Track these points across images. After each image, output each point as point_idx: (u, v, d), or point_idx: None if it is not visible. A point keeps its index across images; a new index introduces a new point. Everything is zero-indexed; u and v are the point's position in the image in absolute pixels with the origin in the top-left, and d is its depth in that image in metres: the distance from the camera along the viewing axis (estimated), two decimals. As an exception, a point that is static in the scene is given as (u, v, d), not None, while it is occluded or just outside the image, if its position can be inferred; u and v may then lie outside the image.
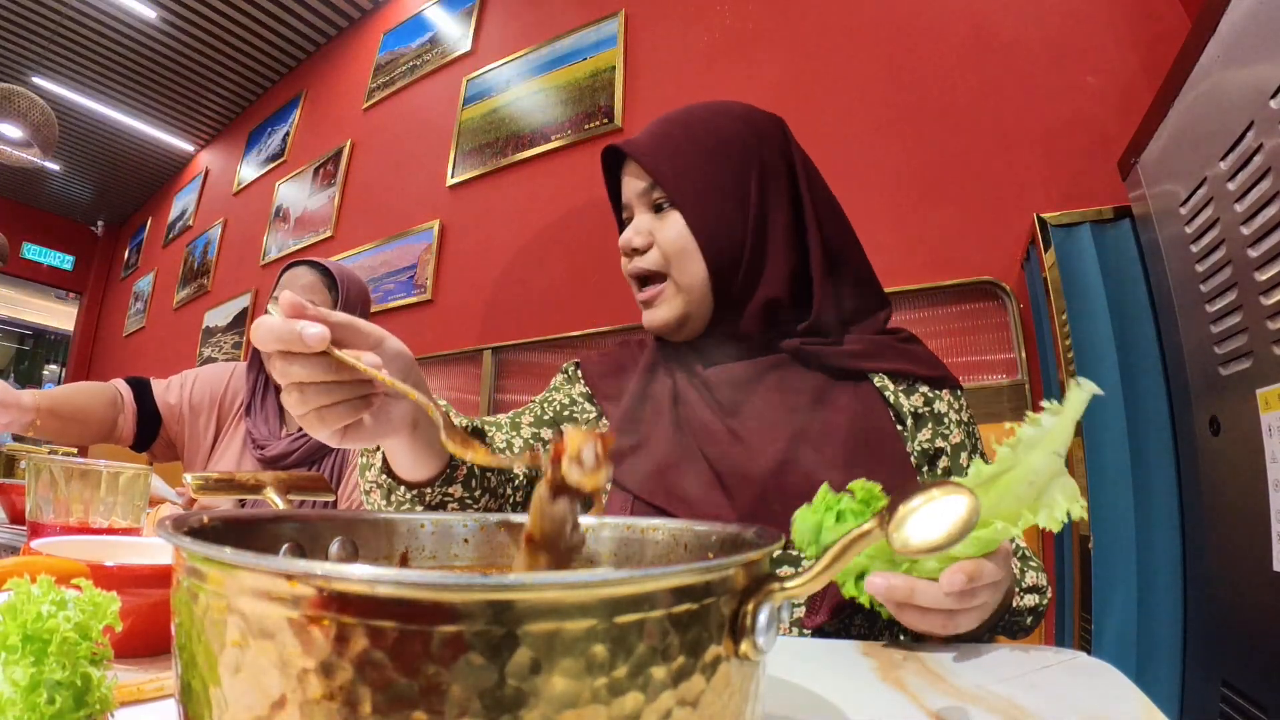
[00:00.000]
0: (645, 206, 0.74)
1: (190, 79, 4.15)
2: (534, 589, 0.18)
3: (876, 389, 0.69)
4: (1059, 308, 1.20)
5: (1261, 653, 0.82)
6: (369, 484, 0.62)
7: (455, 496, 0.62)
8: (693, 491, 0.65)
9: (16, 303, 6.23)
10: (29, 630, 0.25)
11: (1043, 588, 0.62)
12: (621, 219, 0.79)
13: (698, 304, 0.71)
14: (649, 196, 0.73)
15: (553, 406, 0.77)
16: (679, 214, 0.70)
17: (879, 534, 0.24)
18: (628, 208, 0.76)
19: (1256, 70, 0.78)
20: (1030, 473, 0.41)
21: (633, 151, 0.73)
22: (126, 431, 1.30)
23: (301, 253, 3.25)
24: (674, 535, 0.37)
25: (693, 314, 0.72)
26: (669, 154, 0.72)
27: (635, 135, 0.75)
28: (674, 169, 0.71)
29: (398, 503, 0.61)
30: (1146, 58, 1.36)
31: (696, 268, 0.70)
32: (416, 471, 0.58)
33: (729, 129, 0.73)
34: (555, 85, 2.42)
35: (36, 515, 0.73)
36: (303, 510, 0.37)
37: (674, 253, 0.70)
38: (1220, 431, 0.91)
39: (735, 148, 0.72)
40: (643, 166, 0.72)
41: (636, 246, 0.73)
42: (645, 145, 0.73)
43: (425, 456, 0.56)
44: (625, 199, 0.76)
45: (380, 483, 0.60)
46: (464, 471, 0.61)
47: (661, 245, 0.71)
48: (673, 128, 0.74)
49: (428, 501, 0.61)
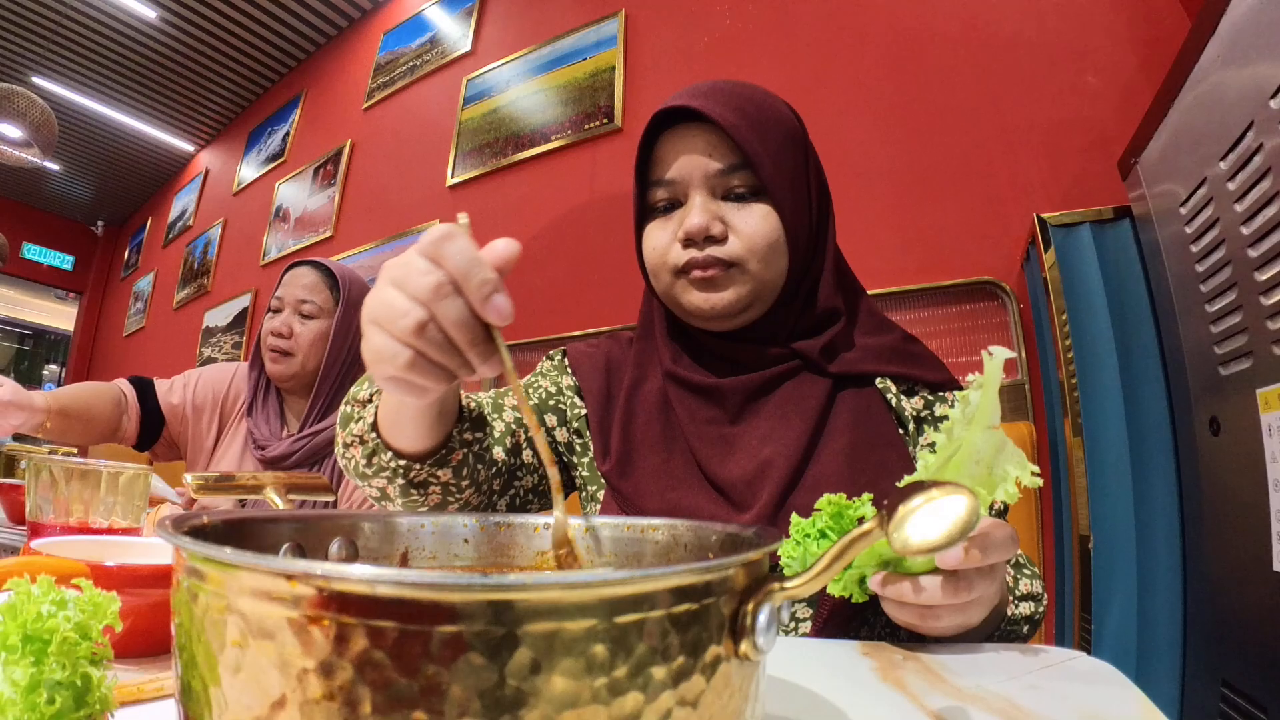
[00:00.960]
0: (712, 189, 0.64)
1: (190, 79, 4.15)
2: (534, 589, 0.18)
3: (879, 392, 0.68)
4: (1059, 308, 1.21)
5: (1261, 653, 0.82)
6: (351, 437, 0.55)
7: (441, 480, 0.57)
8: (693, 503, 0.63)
9: (16, 303, 6.23)
10: (29, 630, 0.25)
11: (1038, 595, 0.60)
12: (651, 198, 0.68)
13: (765, 299, 0.65)
14: (725, 179, 0.63)
15: (538, 393, 0.73)
16: (766, 206, 0.63)
17: (879, 534, 0.24)
18: (676, 185, 0.65)
19: (1256, 70, 0.78)
20: (974, 451, 0.41)
21: (721, 121, 0.61)
22: (130, 431, 1.30)
23: (302, 253, 3.25)
24: (674, 535, 0.37)
25: (757, 303, 0.65)
26: (759, 135, 0.62)
27: (696, 98, 0.63)
28: (769, 151, 0.62)
29: (377, 468, 0.55)
30: (1146, 58, 1.36)
31: (781, 264, 0.64)
32: (416, 441, 0.52)
33: (789, 115, 0.67)
34: (555, 85, 2.42)
35: (36, 515, 0.73)
36: (303, 510, 0.37)
37: (763, 248, 0.62)
38: (1220, 431, 0.91)
39: (798, 136, 0.66)
40: (733, 141, 0.61)
41: (715, 234, 0.62)
42: (730, 117, 0.61)
43: (434, 427, 0.51)
44: (678, 175, 0.64)
45: (366, 440, 0.54)
46: (459, 456, 0.56)
47: (746, 237, 0.62)
48: (744, 104, 0.63)
49: (411, 478, 0.55)
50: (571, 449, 0.72)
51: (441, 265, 0.34)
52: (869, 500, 0.46)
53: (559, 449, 0.72)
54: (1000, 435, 0.41)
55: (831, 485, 0.61)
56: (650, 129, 0.67)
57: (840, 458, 0.62)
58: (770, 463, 0.62)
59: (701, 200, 0.63)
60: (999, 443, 0.41)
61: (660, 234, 0.67)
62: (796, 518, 0.46)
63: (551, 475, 0.39)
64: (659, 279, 0.68)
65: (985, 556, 0.42)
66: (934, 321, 1.52)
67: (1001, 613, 0.56)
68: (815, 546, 0.45)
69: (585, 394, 0.73)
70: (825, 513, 0.46)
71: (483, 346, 0.37)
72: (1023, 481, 0.41)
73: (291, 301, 1.29)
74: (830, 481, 0.61)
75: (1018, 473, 0.41)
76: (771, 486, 0.61)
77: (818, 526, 0.45)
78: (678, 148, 0.64)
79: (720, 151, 0.63)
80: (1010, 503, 0.42)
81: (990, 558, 0.42)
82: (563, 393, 0.74)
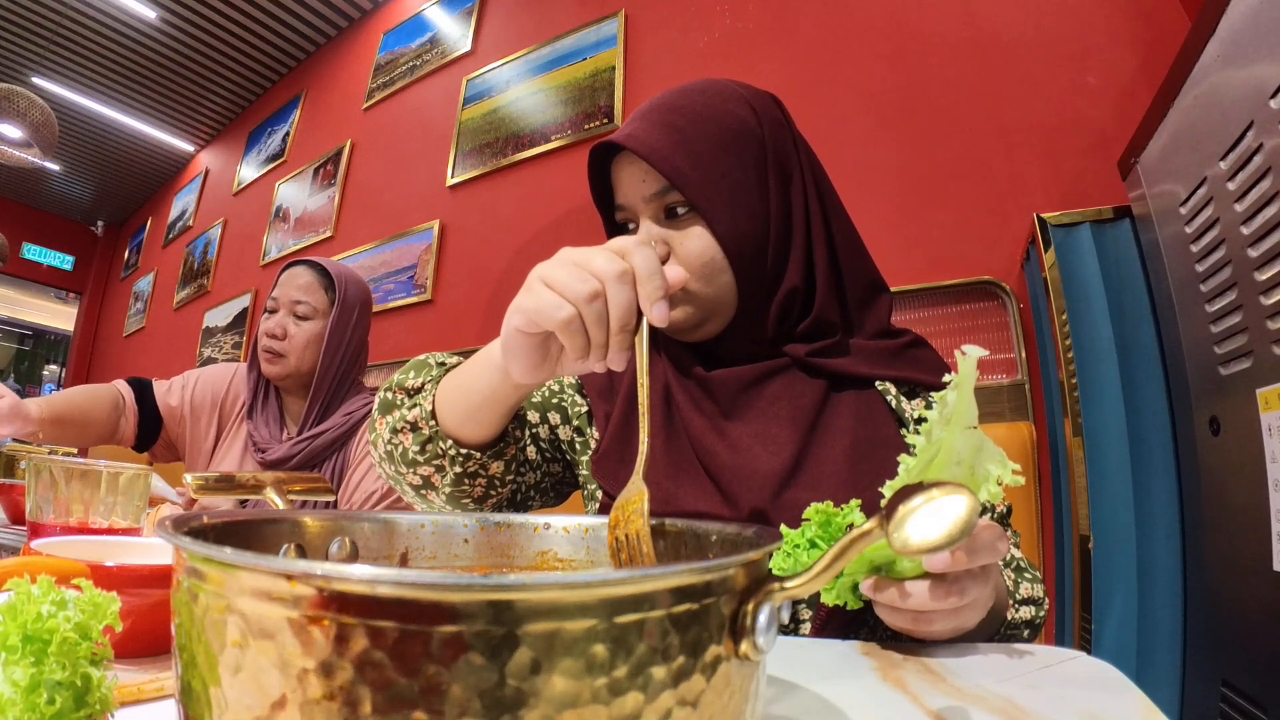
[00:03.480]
0: (653, 211, 0.65)
1: (190, 79, 4.15)
2: (534, 589, 0.18)
3: (879, 393, 0.67)
4: (1059, 308, 1.20)
5: (1261, 653, 0.82)
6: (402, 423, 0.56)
7: (490, 473, 0.58)
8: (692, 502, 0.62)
9: (16, 303, 6.23)
10: (29, 630, 0.25)
11: (1039, 599, 0.59)
12: (612, 220, 0.71)
13: (719, 312, 0.66)
14: (661, 200, 0.64)
15: (541, 392, 0.74)
16: (701, 223, 0.63)
17: (879, 534, 0.24)
18: (626, 210, 0.67)
19: (1256, 70, 0.78)
20: (954, 453, 0.40)
21: (642, 150, 0.62)
22: (128, 433, 1.30)
23: (301, 253, 3.25)
24: (674, 535, 0.37)
25: (711, 318, 0.66)
26: (685, 152, 0.62)
27: (629, 126, 0.64)
28: (695, 170, 0.62)
29: (431, 455, 0.56)
30: (1146, 58, 1.36)
31: (724, 279, 0.63)
32: (482, 430, 0.54)
33: (736, 115, 0.65)
34: (555, 85, 2.42)
35: (36, 515, 0.73)
36: (303, 510, 0.37)
37: (699, 266, 0.63)
38: (1220, 431, 0.91)
39: (747, 137, 0.65)
40: (658, 169, 0.62)
41: None
42: (654, 141, 0.62)
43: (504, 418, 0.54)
44: (624, 201, 0.67)
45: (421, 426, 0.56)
46: (512, 451, 0.58)
47: (684, 259, 0.63)
48: (676, 117, 0.63)
49: (467, 467, 0.57)
50: (574, 447, 0.73)
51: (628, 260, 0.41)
52: (856, 506, 0.46)
53: (562, 447, 0.73)
54: (979, 435, 0.40)
55: (834, 484, 0.60)
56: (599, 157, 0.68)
57: (843, 457, 0.62)
58: (761, 456, 0.62)
59: (645, 226, 0.65)
60: (978, 443, 0.41)
61: None
62: (786, 529, 0.46)
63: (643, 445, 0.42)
64: None
65: (973, 559, 0.42)
66: (934, 321, 1.52)
67: (1001, 616, 0.56)
68: (805, 556, 0.44)
69: (587, 388, 0.73)
70: (814, 521, 0.46)
71: (628, 337, 0.42)
72: (1004, 480, 0.40)
73: (286, 302, 1.29)
74: (832, 480, 0.61)
75: (999, 471, 0.40)
76: (763, 478, 0.61)
77: (807, 536, 0.45)
78: (622, 173, 0.66)
79: (652, 175, 0.63)
80: (994, 502, 0.42)
81: (978, 560, 0.42)
82: (565, 391, 0.74)
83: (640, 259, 0.41)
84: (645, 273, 0.41)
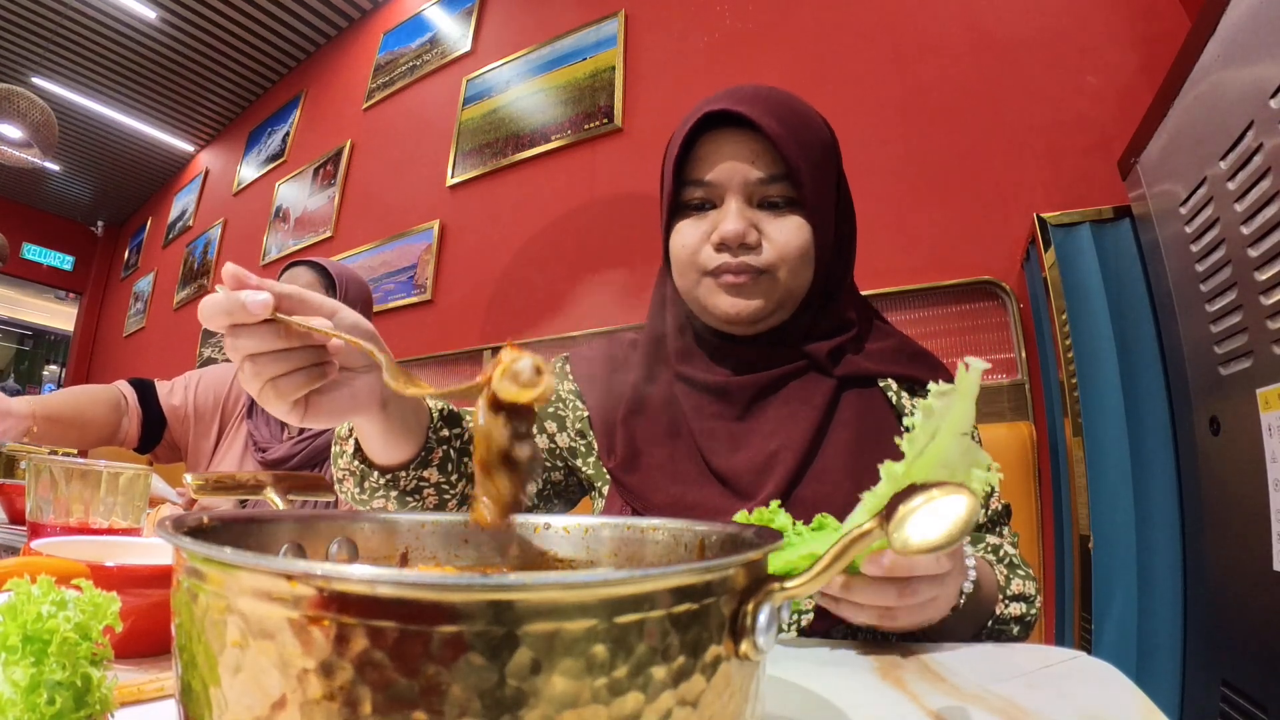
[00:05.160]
0: (748, 196, 0.64)
1: (190, 79, 4.15)
2: (534, 589, 0.18)
3: (881, 391, 0.69)
4: (1059, 307, 1.20)
5: (1261, 653, 0.82)
6: (341, 472, 0.60)
7: (431, 481, 0.60)
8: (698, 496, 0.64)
9: (16, 303, 6.24)
10: (29, 630, 0.25)
11: (1030, 596, 0.60)
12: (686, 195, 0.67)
13: (788, 307, 0.67)
14: (766, 187, 0.63)
15: None
16: (799, 218, 0.63)
17: (879, 534, 0.24)
18: (714, 187, 0.64)
19: (1256, 70, 0.78)
20: (943, 456, 0.41)
21: (769, 130, 0.61)
22: (131, 434, 1.30)
23: (301, 253, 3.25)
24: (674, 535, 0.37)
25: (780, 311, 0.66)
26: (802, 147, 0.62)
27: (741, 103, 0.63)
28: (809, 166, 0.62)
29: (371, 490, 0.59)
30: (1146, 58, 1.36)
31: (807, 275, 0.65)
32: (390, 454, 0.56)
33: (824, 127, 0.68)
34: (555, 85, 2.42)
35: (36, 515, 0.73)
36: (303, 510, 0.37)
37: (794, 258, 0.63)
38: (1220, 431, 0.91)
39: (832, 149, 0.68)
40: (784, 156, 0.61)
41: (749, 242, 0.63)
42: (775, 127, 0.61)
43: (399, 438, 0.55)
44: (717, 178, 0.64)
45: (353, 469, 0.58)
46: (439, 455, 0.59)
47: (780, 246, 0.63)
48: (786, 112, 0.63)
49: (402, 486, 0.59)
50: (575, 452, 0.74)
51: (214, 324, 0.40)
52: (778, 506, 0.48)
53: (562, 454, 0.74)
54: (968, 441, 0.41)
55: (836, 477, 0.63)
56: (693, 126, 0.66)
57: (845, 451, 0.64)
58: (778, 454, 0.63)
59: (738, 206, 0.63)
60: (966, 448, 0.42)
61: (692, 232, 0.66)
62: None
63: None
64: (685, 276, 0.68)
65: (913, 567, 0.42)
66: (934, 321, 1.52)
67: (989, 611, 0.57)
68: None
69: (586, 396, 0.74)
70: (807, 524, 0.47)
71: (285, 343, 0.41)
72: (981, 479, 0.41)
73: None
74: (835, 473, 0.63)
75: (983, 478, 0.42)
76: (779, 476, 0.62)
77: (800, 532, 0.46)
78: (721, 151, 0.64)
79: (764, 161, 0.63)
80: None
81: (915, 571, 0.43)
82: (563, 400, 0.75)
83: (206, 313, 0.39)
84: (216, 311, 0.38)
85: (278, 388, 0.41)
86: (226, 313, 0.38)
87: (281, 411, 0.43)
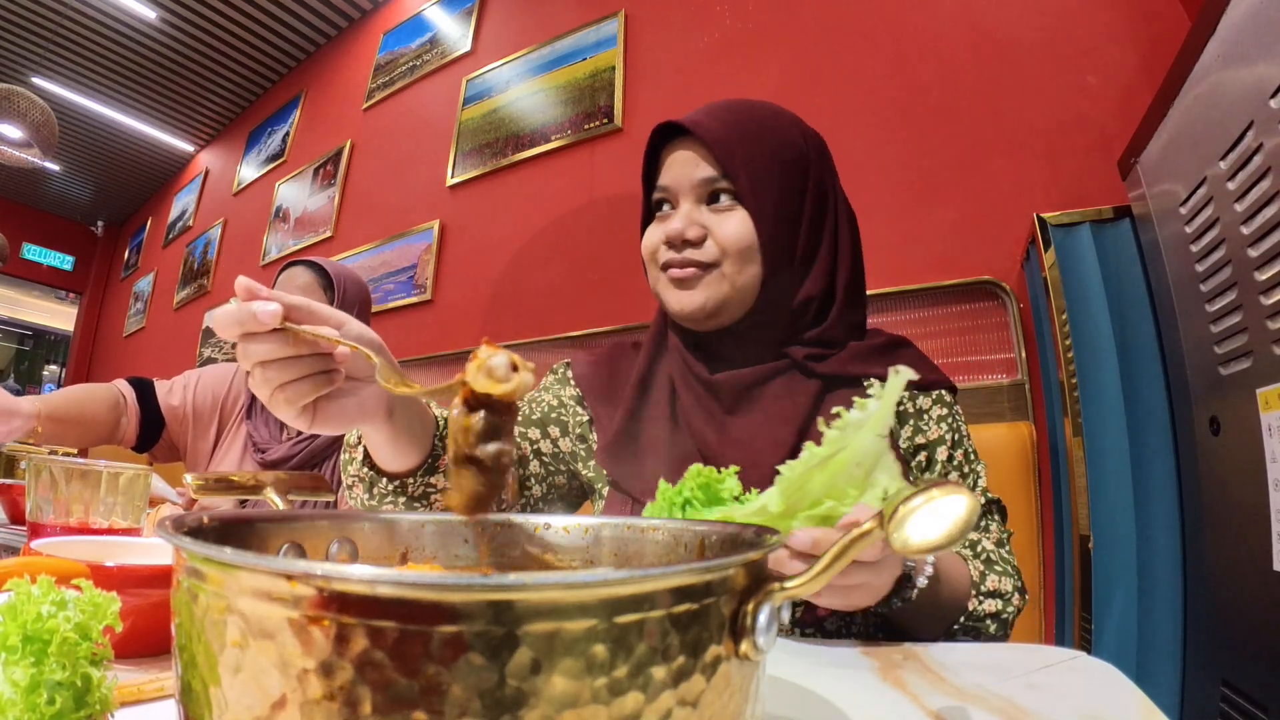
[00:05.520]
0: (698, 196, 0.69)
1: (190, 79, 4.15)
2: (534, 589, 0.18)
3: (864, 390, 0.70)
4: (1059, 307, 1.20)
5: (1261, 653, 0.82)
6: (351, 478, 0.62)
7: (438, 487, 0.61)
8: None
9: (16, 303, 6.24)
10: (29, 630, 0.25)
11: (1006, 593, 0.61)
12: (651, 201, 0.74)
13: (739, 301, 0.69)
14: (708, 187, 0.68)
15: (540, 407, 0.76)
16: (744, 213, 0.67)
17: (879, 533, 0.24)
18: (669, 191, 0.71)
19: (1256, 70, 0.78)
20: (858, 454, 0.43)
21: (706, 137, 0.67)
22: (129, 433, 1.30)
23: (301, 253, 3.25)
24: (674, 535, 0.37)
25: (730, 306, 0.69)
26: (744, 148, 0.67)
27: (696, 115, 0.70)
28: (748, 166, 0.67)
29: (380, 495, 0.61)
30: (1146, 58, 1.36)
31: (753, 269, 0.68)
32: (398, 461, 0.58)
33: (791, 137, 0.71)
34: (555, 85, 2.42)
35: (37, 515, 0.73)
36: (303, 510, 0.37)
37: (735, 251, 0.67)
38: (1220, 431, 0.91)
39: (798, 158, 0.70)
40: (714, 156, 0.67)
41: (691, 239, 0.68)
42: (717, 132, 0.67)
43: (406, 445, 0.57)
44: (669, 182, 0.70)
45: (362, 476, 0.61)
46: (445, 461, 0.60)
47: (721, 241, 0.67)
48: (742, 120, 0.69)
49: (410, 493, 0.61)
50: (576, 456, 0.75)
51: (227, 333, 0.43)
52: (735, 473, 0.50)
53: (564, 459, 0.75)
54: (884, 445, 0.44)
55: None
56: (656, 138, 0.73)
57: None
58: (761, 454, 0.65)
59: (687, 207, 0.69)
60: (881, 451, 0.44)
61: (654, 233, 0.72)
62: (664, 484, 0.49)
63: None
64: (649, 273, 0.74)
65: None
66: (934, 321, 1.52)
67: (960, 606, 0.57)
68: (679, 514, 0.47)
69: (587, 398, 0.76)
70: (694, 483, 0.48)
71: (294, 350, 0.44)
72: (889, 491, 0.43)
73: None
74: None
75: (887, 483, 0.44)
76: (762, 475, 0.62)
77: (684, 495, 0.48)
78: (675, 158, 0.70)
79: (706, 162, 0.68)
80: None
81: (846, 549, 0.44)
82: (564, 405, 0.77)
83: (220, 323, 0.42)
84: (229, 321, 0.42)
85: (287, 393, 0.44)
86: (239, 323, 0.41)
87: (290, 417, 0.45)
